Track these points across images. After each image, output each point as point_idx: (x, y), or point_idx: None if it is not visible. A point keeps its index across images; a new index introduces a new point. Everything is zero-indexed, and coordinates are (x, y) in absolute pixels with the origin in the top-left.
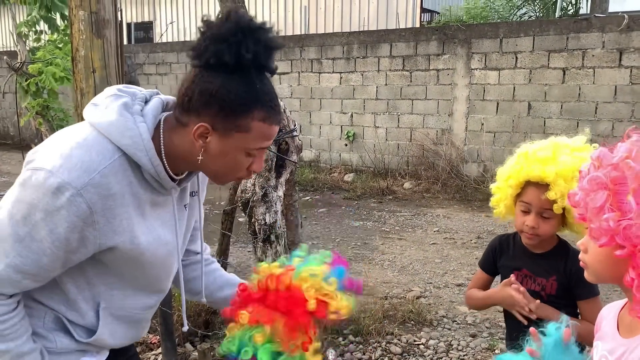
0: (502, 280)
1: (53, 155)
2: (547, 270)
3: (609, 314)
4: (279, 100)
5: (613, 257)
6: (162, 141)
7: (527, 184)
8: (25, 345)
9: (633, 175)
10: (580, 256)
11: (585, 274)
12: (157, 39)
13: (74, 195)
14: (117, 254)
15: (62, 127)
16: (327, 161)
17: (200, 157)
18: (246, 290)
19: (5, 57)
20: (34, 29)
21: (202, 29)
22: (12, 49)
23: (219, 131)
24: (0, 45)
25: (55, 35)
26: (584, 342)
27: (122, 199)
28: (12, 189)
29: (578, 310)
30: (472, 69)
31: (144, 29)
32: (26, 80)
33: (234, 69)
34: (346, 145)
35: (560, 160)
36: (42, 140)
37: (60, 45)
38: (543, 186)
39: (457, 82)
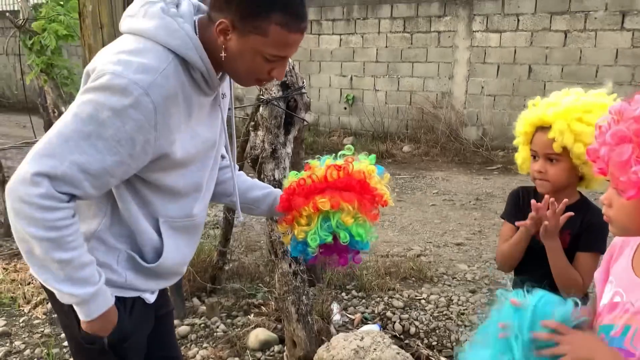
0: None
1: (111, 62)
2: (564, 224)
3: (623, 247)
4: (305, 9)
5: None
6: (197, 34)
7: (536, 130)
8: (86, 255)
9: None
10: (604, 211)
11: (610, 228)
12: None
13: (142, 94)
14: (167, 154)
15: (66, 85)
16: (326, 124)
17: (223, 54)
18: (304, 183)
19: (8, 15)
20: None
21: None
22: (17, 8)
23: (238, 30)
24: (4, 5)
25: None
26: (561, 286)
27: (176, 99)
28: (75, 99)
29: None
30: (473, 31)
31: None
32: (30, 38)
33: None
34: (345, 108)
35: (562, 102)
36: (45, 100)
37: (62, 2)
38: (547, 129)
39: (458, 44)
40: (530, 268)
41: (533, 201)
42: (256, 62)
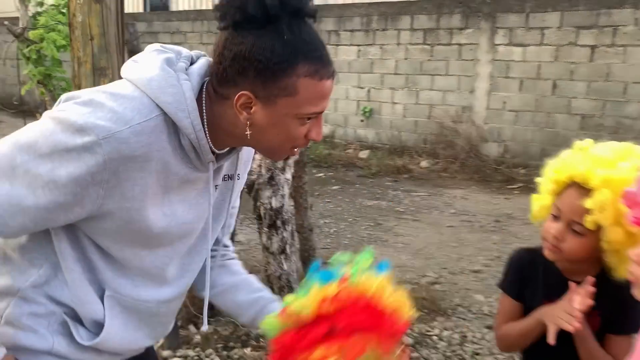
0: (527, 313)
1: (84, 100)
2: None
3: None
4: (327, 50)
5: None
6: (204, 107)
7: (570, 185)
8: None
9: None
10: (632, 269)
11: (636, 291)
12: (173, 7)
13: (94, 143)
14: (119, 221)
15: None
16: (342, 137)
17: (248, 132)
18: (297, 331)
19: (6, 22)
20: None
21: None
22: (15, 14)
23: (262, 99)
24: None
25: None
26: None
27: (146, 164)
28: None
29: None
30: (495, 45)
31: None
32: (27, 47)
33: (263, 22)
34: (362, 121)
35: (618, 164)
36: (46, 109)
37: (63, 11)
38: (585, 191)
39: (480, 57)
40: (544, 351)
41: (573, 285)
42: (291, 129)
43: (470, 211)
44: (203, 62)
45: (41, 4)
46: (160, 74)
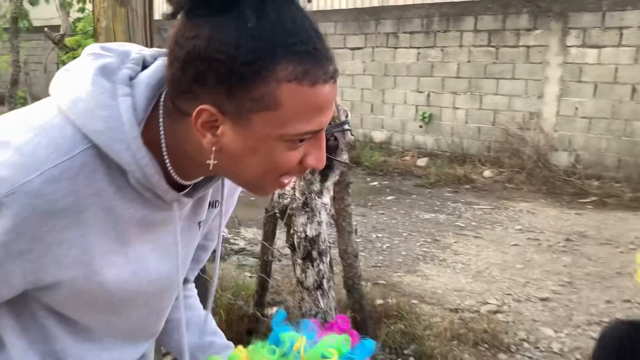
0: None
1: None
2: None
3: None
4: (324, 42)
5: None
6: (161, 128)
7: None
8: None
9: None
10: None
11: None
12: None
13: None
14: (67, 292)
15: None
16: (399, 143)
17: (211, 161)
18: None
19: (45, 29)
20: None
21: None
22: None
23: (231, 115)
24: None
25: None
26: None
27: (78, 217)
28: None
29: None
30: (567, 46)
31: None
32: (65, 54)
33: (223, 5)
34: (421, 127)
35: None
36: None
37: None
38: None
39: (550, 60)
40: None
41: None
42: (276, 155)
43: (538, 228)
44: (159, 65)
45: (82, 10)
46: (90, 90)
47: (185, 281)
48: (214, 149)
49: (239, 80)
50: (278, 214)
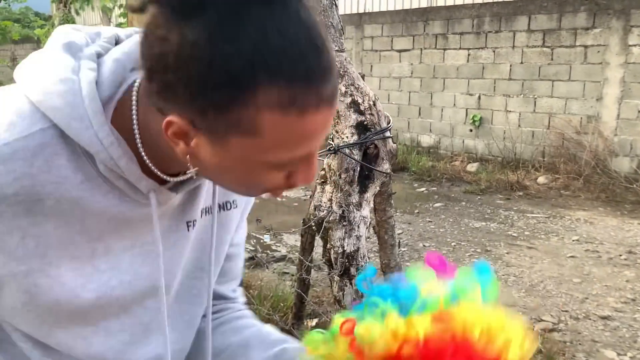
0: None
1: None
2: None
3: None
4: (324, 54)
5: None
6: (134, 114)
7: None
8: None
9: None
10: None
11: None
12: None
13: None
14: (19, 294)
15: None
16: (447, 148)
17: (192, 168)
18: None
19: None
20: (118, 3)
21: None
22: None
23: (205, 131)
24: (89, 23)
25: None
26: None
27: (34, 205)
28: None
29: None
30: (629, 46)
31: None
32: None
33: (194, 6)
34: (471, 130)
35: None
36: None
37: None
38: None
39: (610, 60)
40: None
41: None
42: (257, 176)
43: (597, 239)
44: (132, 42)
45: (124, 15)
46: (51, 65)
47: (224, 298)
48: (188, 157)
49: (212, 102)
50: (314, 227)
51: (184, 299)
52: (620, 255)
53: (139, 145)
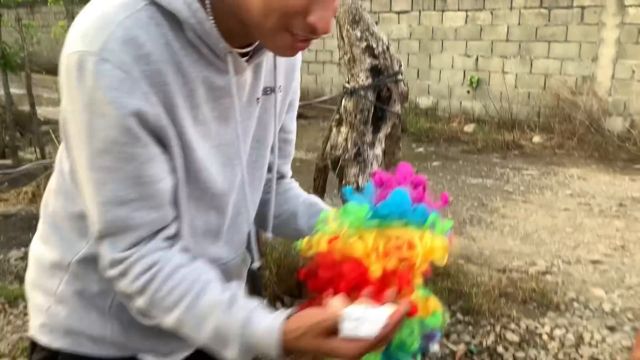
0: None
1: (71, 35)
2: None
3: None
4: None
5: None
6: None
7: None
8: (198, 304)
9: None
10: None
11: None
12: None
13: (96, 62)
14: (178, 158)
15: None
16: (445, 109)
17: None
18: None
19: None
20: None
21: None
22: None
23: None
24: None
25: None
26: None
27: (162, 65)
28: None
29: None
30: (625, 6)
31: None
32: None
33: None
34: (468, 92)
35: None
36: None
37: None
38: None
39: (606, 21)
40: None
41: None
42: (281, 5)
43: (589, 193)
44: None
45: None
46: None
47: (281, 176)
48: None
49: None
50: (330, 166)
51: (250, 167)
52: (611, 208)
53: (209, 10)
